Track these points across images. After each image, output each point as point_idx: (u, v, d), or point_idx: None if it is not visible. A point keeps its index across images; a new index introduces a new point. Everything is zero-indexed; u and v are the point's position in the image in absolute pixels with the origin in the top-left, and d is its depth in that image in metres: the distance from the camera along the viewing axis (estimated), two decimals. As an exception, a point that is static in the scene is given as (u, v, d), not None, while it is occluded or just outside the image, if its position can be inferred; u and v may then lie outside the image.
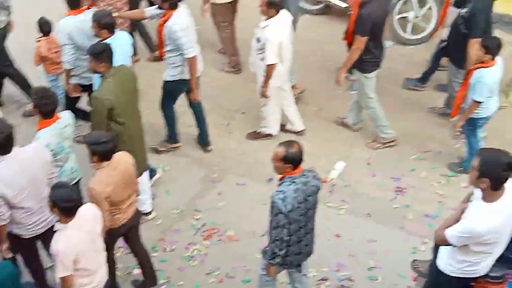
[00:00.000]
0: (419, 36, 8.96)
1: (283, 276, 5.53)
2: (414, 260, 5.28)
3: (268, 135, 7.57)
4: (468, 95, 6.52)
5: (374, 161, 7.42)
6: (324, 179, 7.22)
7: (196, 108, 7.24)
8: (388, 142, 7.43)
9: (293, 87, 7.82)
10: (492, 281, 4.56)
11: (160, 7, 6.70)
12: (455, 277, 4.62)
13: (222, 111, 8.13)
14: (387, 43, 8.92)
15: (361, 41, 6.70)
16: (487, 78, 6.29)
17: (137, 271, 6.15)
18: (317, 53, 9.01)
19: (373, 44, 6.78)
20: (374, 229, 6.56)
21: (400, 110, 8.05)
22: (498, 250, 4.48)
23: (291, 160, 4.75)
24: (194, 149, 7.59)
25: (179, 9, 6.56)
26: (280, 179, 4.88)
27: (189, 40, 6.59)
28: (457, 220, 4.38)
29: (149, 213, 6.64)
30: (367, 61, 6.89)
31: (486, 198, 4.30)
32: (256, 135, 7.60)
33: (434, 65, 7.99)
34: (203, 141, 7.48)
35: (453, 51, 7.19)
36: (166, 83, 6.93)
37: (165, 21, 6.53)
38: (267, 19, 6.74)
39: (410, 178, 7.17)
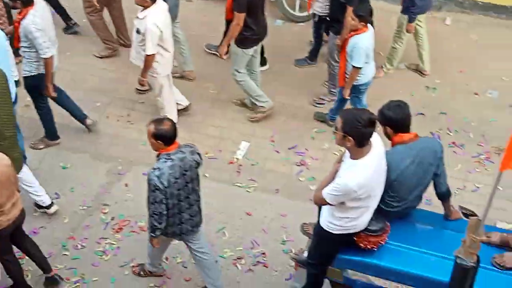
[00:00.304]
0: (306, 13, 9.06)
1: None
2: (303, 224, 5.42)
3: None
4: (348, 64, 6.78)
5: (277, 138, 7.52)
6: (231, 160, 7.27)
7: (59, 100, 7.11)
8: (268, 110, 7.59)
9: (190, 72, 7.90)
10: (372, 234, 4.70)
11: (13, 7, 6.53)
12: (337, 234, 4.72)
13: (120, 103, 7.97)
14: (277, 22, 9.08)
15: (239, 18, 6.84)
16: (362, 43, 6.59)
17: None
18: (210, 36, 8.95)
19: (251, 20, 6.92)
20: (284, 204, 6.67)
21: (298, 86, 8.19)
22: (374, 204, 4.63)
23: (162, 137, 4.90)
24: (95, 144, 7.43)
25: (37, 6, 6.36)
26: (157, 156, 4.98)
27: (47, 40, 6.43)
28: (332, 180, 4.50)
29: (50, 206, 6.44)
30: (247, 37, 7.03)
31: (354, 155, 4.42)
32: None
33: (318, 40, 8.23)
34: (80, 117, 7.31)
35: (333, 21, 7.40)
36: (26, 80, 6.74)
37: (21, 18, 6.33)
38: (144, 9, 6.66)
39: (313, 151, 7.33)
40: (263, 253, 6.24)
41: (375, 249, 4.75)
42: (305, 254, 5.18)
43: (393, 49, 8.11)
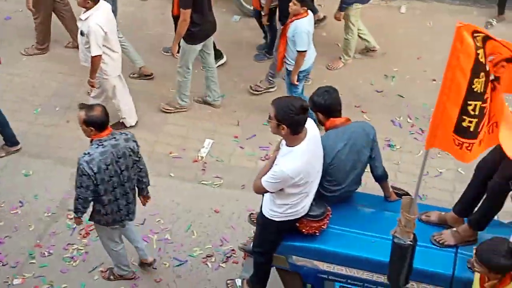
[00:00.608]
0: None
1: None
2: (250, 214, 5.47)
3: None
4: (292, 50, 6.83)
5: (240, 134, 7.50)
6: (195, 159, 7.25)
7: None
8: (181, 108, 7.74)
9: (144, 67, 8.04)
10: (314, 219, 4.77)
11: None
12: (279, 221, 4.77)
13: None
14: (234, 18, 9.06)
15: (185, 14, 6.86)
16: (303, 27, 6.66)
17: (17, 281, 5.86)
18: (168, 34, 8.88)
19: (198, 16, 6.95)
20: (251, 199, 6.63)
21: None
22: (313, 190, 4.70)
23: (92, 123, 4.95)
24: (57, 149, 7.33)
25: None
26: (90, 142, 5.07)
27: None
28: (270, 168, 4.54)
29: None
30: (195, 33, 7.05)
31: (289, 143, 4.47)
32: (119, 125, 7.43)
33: (273, 33, 8.24)
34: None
35: (283, 11, 7.41)
36: None
37: None
38: (86, 11, 6.61)
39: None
40: (233, 250, 6.23)
41: (318, 234, 4.82)
42: None
43: (346, 41, 8.19)
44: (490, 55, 3.43)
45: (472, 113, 3.47)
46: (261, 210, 4.86)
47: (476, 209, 4.68)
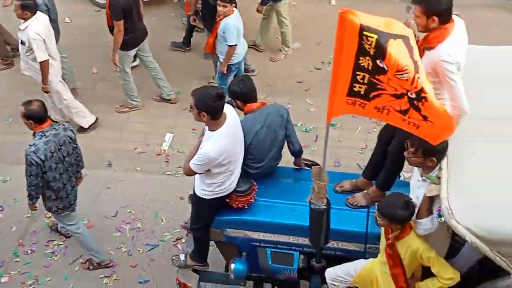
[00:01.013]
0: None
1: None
2: (190, 195, 5.57)
3: (91, 126, 7.61)
4: (223, 45, 7.08)
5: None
6: (158, 152, 7.43)
7: None
8: (135, 108, 7.90)
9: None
10: (241, 194, 4.98)
11: None
12: (210, 199, 4.96)
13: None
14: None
15: (118, 25, 7.06)
16: (232, 23, 6.94)
17: (4, 279, 5.95)
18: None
19: (129, 24, 7.12)
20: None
21: (205, 76, 8.33)
22: (237, 168, 4.93)
23: (32, 117, 5.20)
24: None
25: None
26: (33, 135, 5.30)
27: None
28: (196, 152, 4.77)
29: None
30: (127, 40, 7.22)
31: (211, 127, 4.68)
32: (82, 129, 7.54)
33: (189, 30, 8.57)
34: None
35: (206, 17, 7.71)
36: None
37: None
38: (25, 21, 6.73)
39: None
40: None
41: (246, 207, 5.03)
42: None
43: (282, 34, 8.43)
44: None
45: (361, 81, 3.67)
46: (194, 191, 5.08)
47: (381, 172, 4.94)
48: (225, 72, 7.25)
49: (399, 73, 3.54)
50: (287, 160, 5.47)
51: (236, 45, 7.05)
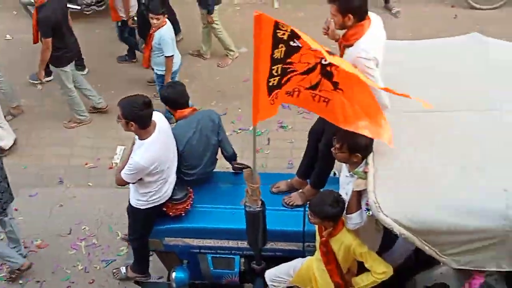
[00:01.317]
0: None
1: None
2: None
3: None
4: (158, 57, 6.94)
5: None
6: (110, 166, 7.18)
7: None
8: (83, 122, 7.67)
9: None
10: (177, 202, 4.87)
11: None
12: (146, 208, 4.84)
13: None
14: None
15: (46, 43, 6.85)
16: (167, 34, 6.82)
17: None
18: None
19: (60, 41, 6.91)
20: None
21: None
22: (171, 175, 4.82)
23: None
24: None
25: None
26: None
27: None
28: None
29: None
30: (60, 57, 7.02)
31: (141, 136, 4.56)
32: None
33: (131, 41, 8.32)
34: None
35: (142, 28, 7.61)
36: None
37: None
38: None
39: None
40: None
41: (184, 215, 4.93)
42: None
43: (220, 40, 8.24)
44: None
45: (276, 74, 3.73)
46: (129, 202, 4.95)
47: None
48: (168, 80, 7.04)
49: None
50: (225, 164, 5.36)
51: (173, 55, 6.92)
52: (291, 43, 3.64)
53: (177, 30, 7.94)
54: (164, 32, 6.79)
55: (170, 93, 4.99)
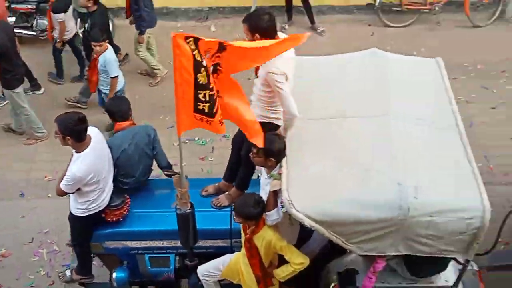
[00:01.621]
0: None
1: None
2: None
3: None
4: (104, 78, 7.10)
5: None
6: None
7: None
8: (41, 139, 7.73)
9: None
10: (115, 208, 5.01)
11: None
12: (85, 216, 4.97)
13: None
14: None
15: None
16: (110, 56, 7.02)
17: None
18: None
19: (8, 64, 7.02)
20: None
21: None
22: (108, 184, 4.97)
23: None
24: None
25: None
26: None
27: None
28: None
29: None
30: (10, 79, 7.14)
31: (77, 150, 4.72)
32: None
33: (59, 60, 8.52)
34: None
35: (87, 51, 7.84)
36: None
37: None
38: None
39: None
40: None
41: (121, 219, 5.08)
42: None
43: (144, 60, 8.34)
44: (206, 52, 3.83)
45: (203, 99, 3.90)
46: (70, 210, 5.09)
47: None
48: None
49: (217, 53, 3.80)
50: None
51: (118, 75, 7.13)
52: (202, 61, 3.76)
53: (117, 50, 8.18)
54: (108, 56, 7.02)
55: (112, 105, 5.25)
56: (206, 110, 3.92)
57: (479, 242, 4.08)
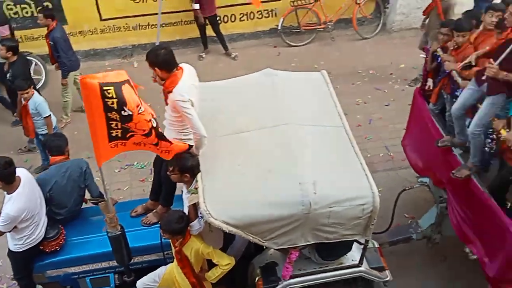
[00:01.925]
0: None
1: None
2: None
3: None
4: (37, 120, 7.13)
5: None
6: None
7: None
8: None
9: None
10: (51, 240, 5.09)
11: None
12: (23, 250, 5.04)
13: None
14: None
15: None
16: (39, 99, 7.10)
17: None
18: None
19: None
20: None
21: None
22: (42, 218, 5.08)
23: None
24: None
25: None
26: None
27: None
28: None
29: None
30: None
31: (8, 191, 4.83)
32: None
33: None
34: None
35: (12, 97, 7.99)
36: None
37: None
38: None
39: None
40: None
41: (59, 249, 5.16)
42: None
43: (64, 103, 8.51)
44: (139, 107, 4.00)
45: (116, 127, 4.00)
46: (8, 247, 5.18)
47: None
48: None
49: (138, 109, 3.98)
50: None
51: (50, 114, 7.22)
52: (123, 112, 3.92)
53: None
54: (36, 99, 7.12)
55: (49, 141, 5.45)
56: (119, 135, 4.04)
57: (373, 223, 4.48)
